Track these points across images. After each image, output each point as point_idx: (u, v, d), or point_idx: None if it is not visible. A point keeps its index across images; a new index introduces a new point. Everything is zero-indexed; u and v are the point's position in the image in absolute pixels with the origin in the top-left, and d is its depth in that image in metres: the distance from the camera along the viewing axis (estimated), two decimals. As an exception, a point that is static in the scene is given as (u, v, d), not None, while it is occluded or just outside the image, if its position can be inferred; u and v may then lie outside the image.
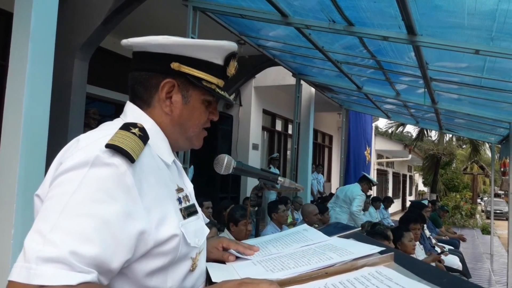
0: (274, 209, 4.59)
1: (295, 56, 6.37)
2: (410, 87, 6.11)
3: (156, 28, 6.11)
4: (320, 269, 0.95)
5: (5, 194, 2.80)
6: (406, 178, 28.77)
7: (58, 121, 3.97)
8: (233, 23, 5.32)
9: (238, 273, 1.02)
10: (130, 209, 0.81)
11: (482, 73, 4.42)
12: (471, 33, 3.54)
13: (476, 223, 18.23)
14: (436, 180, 23.48)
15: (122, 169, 0.82)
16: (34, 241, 0.74)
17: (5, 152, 2.81)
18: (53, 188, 0.82)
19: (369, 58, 5.08)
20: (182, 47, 0.99)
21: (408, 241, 3.88)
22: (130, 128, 0.89)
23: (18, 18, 2.82)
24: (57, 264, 0.71)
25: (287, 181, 1.40)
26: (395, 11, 3.39)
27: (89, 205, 0.78)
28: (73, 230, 0.75)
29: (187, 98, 1.02)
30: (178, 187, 0.98)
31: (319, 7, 3.91)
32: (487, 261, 9.38)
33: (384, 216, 9.10)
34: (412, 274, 0.93)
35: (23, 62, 2.78)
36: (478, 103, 5.96)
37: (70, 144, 0.92)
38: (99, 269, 0.76)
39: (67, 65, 4.32)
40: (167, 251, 0.89)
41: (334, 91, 8.42)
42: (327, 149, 15.70)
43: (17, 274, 0.72)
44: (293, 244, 1.20)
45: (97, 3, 4.40)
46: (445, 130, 9.78)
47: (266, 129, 10.99)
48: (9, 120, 2.81)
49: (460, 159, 28.67)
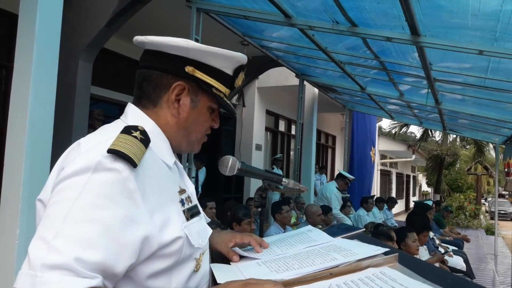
0: (277, 210, 4.59)
1: (298, 56, 6.37)
2: (413, 87, 6.10)
3: (159, 29, 6.13)
4: (325, 269, 0.95)
5: (10, 194, 2.82)
6: (410, 179, 28.69)
7: (63, 122, 3.98)
8: (237, 24, 5.33)
9: (243, 273, 1.02)
10: (133, 213, 0.82)
11: (486, 73, 4.41)
12: (475, 34, 3.53)
13: (480, 224, 18.16)
14: (439, 180, 23.38)
15: (124, 174, 0.82)
16: (38, 248, 0.74)
17: (11, 153, 2.83)
18: (56, 194, 0.82)
19: (373, 59, 5.08)
20: (199, 53, 0.99)
21: (412, 242, 3.87)
22: (131, 132, 0.89)
23: (23, 19, 2.84)
24: (62, 270, 0.72)
25: (291, 182, 1.40)
26: (399, 12, 3.39)
27: (92, 210, 0.78)
28: (77, 237, 0.75)
29: (195, 102, 1.03)
30: (180, 189, 0.99)
31: (322, 8, 3.91)
32: (491, 261, 9.35)
33: (388, 216, 9.07)
34: (416, 275, 0.93)
35: (28, 63, 2.80)
36: (482, 104, 5.94)
37: (71, 149, 0.91)
38: (104, 274, 0.77)
39: (71, 67, 4.34)
40: (171, 253, 0.89)
41: (338, 92, 8.41)
42: (331, 149, 15.69)
43: (22, 281, 0.72)
44: (298, 245, 1.20)
45: (101, 5, 4.42)
46: (449, 131, 9.75)
47: (269, 129, 10.99)
48: (14, 121, 2.83)
49: (464, 160, 28.57)
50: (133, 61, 6.48)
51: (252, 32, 5.58)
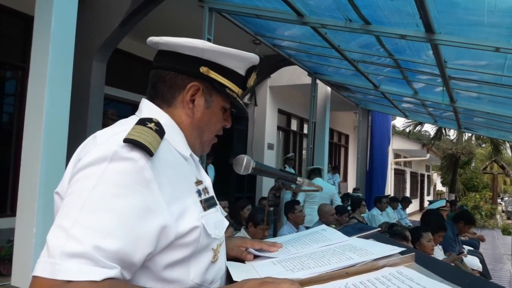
0: (290, 209, 4.58)
1: (310, 55, 6.34)
2: (428, 85, 6.03)
3: (172, 29, 6.16)
4: (341, 269, 0.95)
5: (27, 193, 2.86)
6: (424, 178, 28.36)
7: (77, 122, 4.03)
8: (249, 23, 5.33)
9: (258, 272, 1.02)
10: (150, 203, 0.82)
11: (503, 71, 4.33)
12: (491, 31, 3.48)
13: (497, 224, 17.90)
14: (454, 179, 23.08)
15: (141, 163, 0.82)
16: (57, 236, 0.75)
17: (27, 153, 2.88)
18: (73, 184, 0.82)
19: (386, 57, 5.03)
20: (214, 54, 1.00)
21: (427, 242, 3.82)
22: (146, 123, 0.90)
23: (39, 21, 2.88)
24: (82, 259, 0.72)
25: (306, 181, 1.39)
26: (413, 9, 3.35)
27: (110, 199, 0.78)
28: (94, 225, 0.75)
29: (209, 102, 1.04)
30: (197, 180, 0.99)
31: (335, 6, 3.89)
32: (508, 262, 9.20)
33: (402, 216, 8.98)
34: (433, 274, 0.92)
35: (44, 64, 2.84)
36: (498, 101, 5.84)
37: (87, 141, 0.92)
38: (122, 263, 0.77)
39: (85, 67, 4.39)
40: (188, 243, 0.89)
41: (350, 90, 8.36)
42: (343, 148, 15.60)
43: (42, 269, 0.72)
44: (312, 244, 1.20)
45: (115, 6, 4.46)
46: (464, 129, 9.62)
47: (281, 128, 10.97)
48: (30, 121, 2.88)
49: (479, 159, 28.14)
50: (146, 61, 6.52)
51: (264, 31, 5.58)
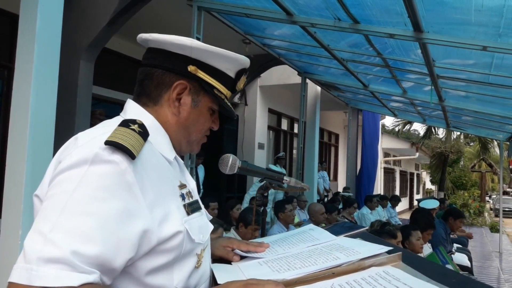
0: (281, 209, 4.58)
1: (300, 54, 6.35)
2: (416, 84, 6.07)
3: (161, 28, 6.12)
4: (327, 269, 0.94)
5: (12, 195, 2.82)
6: (414, 177, 28.61)
7: (64, 122, 3.98)
8: (238, 22, 5.31)
9: (244, 273, 1.01)
10: (132, 206, 0.80)
11: (490, 69, 4.38)
12: (478, 30, 3.50)
13: (485, 221, 18.09)
14: (443, 178, 23.32)
15: (122, 166, 0.80)
16: (34, 241, 0.72)
17: (12, 154, 2.83)
18: (53, 187, 0.80)
19: (375, 56, 5.05)
20: (203, 53, 0.99)
21: (416, 240, 3.84)
22: (129, 125, 0.88)
23: (24, 20, 2.83)
24: (59, 264, 0.70)
25: (292, 180, 1.38)
26: (401, 8, 3.36)
27: (90, 203, 0.76)
28: (74, 230, 0.73)
29: (196, 102, 1.02)
30: (181, 183, 0.97)
31: (324, 5, 3.89)
32: (496, 259, 9.31)
33: (392, 214, 9.05)
34: (420, 274, 0.91)
35: (29, 63, 2.79)
36: (486, 100, 5.90)
37: (68, 143, 0.90)
38: (102, 268, 0.75)
39: (72, 66, 4.34)
40: (171, 248, 0.87)
41: (340, 90, 8.38)
42: (333, 148, 15.66)
43: (18, 275, 0.70)
44: (300, 244, 1.19)
45: (102, 4, 4.41)
46: (453, 128, 9.71)
47: (271, 128, 10.97)
48: (16, 122, 2.83)
49: (468, 157, 28.47)
50: (135, 61, 6.48)
51: (253, 30, 5.57)
